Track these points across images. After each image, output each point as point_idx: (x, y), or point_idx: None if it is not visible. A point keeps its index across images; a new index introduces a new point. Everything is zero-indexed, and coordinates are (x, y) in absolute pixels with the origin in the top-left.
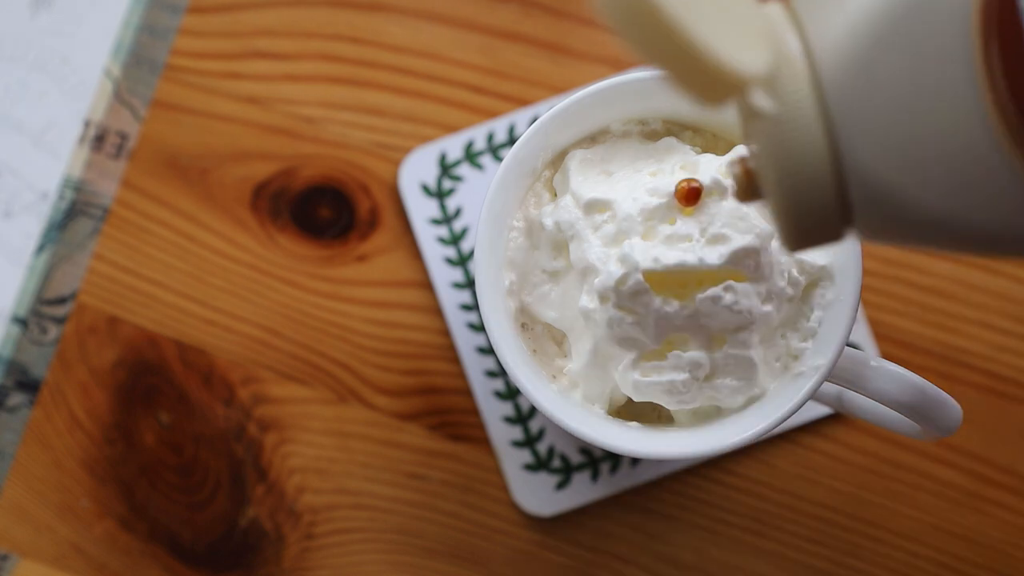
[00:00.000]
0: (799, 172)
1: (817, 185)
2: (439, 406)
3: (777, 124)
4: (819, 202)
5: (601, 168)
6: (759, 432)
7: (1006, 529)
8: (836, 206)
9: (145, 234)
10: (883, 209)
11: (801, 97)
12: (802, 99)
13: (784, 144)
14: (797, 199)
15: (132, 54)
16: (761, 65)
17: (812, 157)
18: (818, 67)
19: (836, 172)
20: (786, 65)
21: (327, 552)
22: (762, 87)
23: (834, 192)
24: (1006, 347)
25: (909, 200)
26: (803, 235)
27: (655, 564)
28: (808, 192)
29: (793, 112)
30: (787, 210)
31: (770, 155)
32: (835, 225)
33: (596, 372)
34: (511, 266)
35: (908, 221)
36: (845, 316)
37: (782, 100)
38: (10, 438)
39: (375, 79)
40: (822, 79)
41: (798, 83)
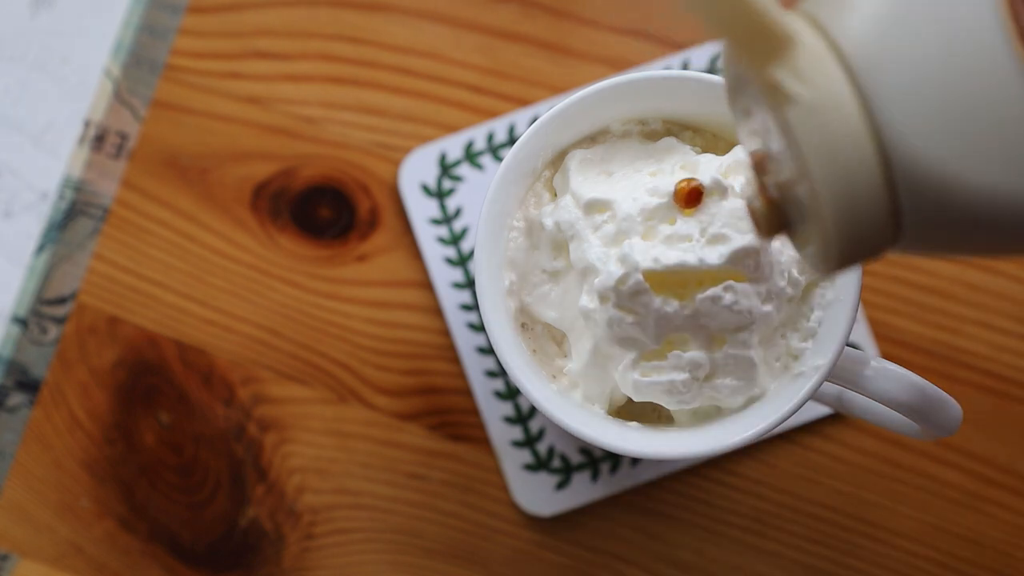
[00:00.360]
0: (844, 165)
1: (866, 178)
2: (439, 406)
3: (812, 112)
4: (870, 199)
5: (601, 168)
6: (759, 432)
7: (1006, 529)
8: (887, 202)
9: (145, 234)
10: (932, 196)
11: (833, 77)
12: (834, 79)
13: (824, 135)
14: (844, 199)
15: (132, 54)
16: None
17: (857, 144)
18: (842, 50)
19: (883, 160)
20: (808, 53)
21: (327, 552)
22: (789, 72)
23: (884, 184)
24: (1006, 347)
25: (956, 178)
26: (852, 245)
27: (655, 564)
28: (856, 187)
29: (828, 94)
30: (834, 217)
31: (809, 153)
32: (886, 229)
33: (596, 372)
34: (511, 266)
35: (958, 208)
36: (845, 316)
37: (812, 83)
38: (10, 438)
39: (375, 79)
40: (849, 60)
41: (826, 64)
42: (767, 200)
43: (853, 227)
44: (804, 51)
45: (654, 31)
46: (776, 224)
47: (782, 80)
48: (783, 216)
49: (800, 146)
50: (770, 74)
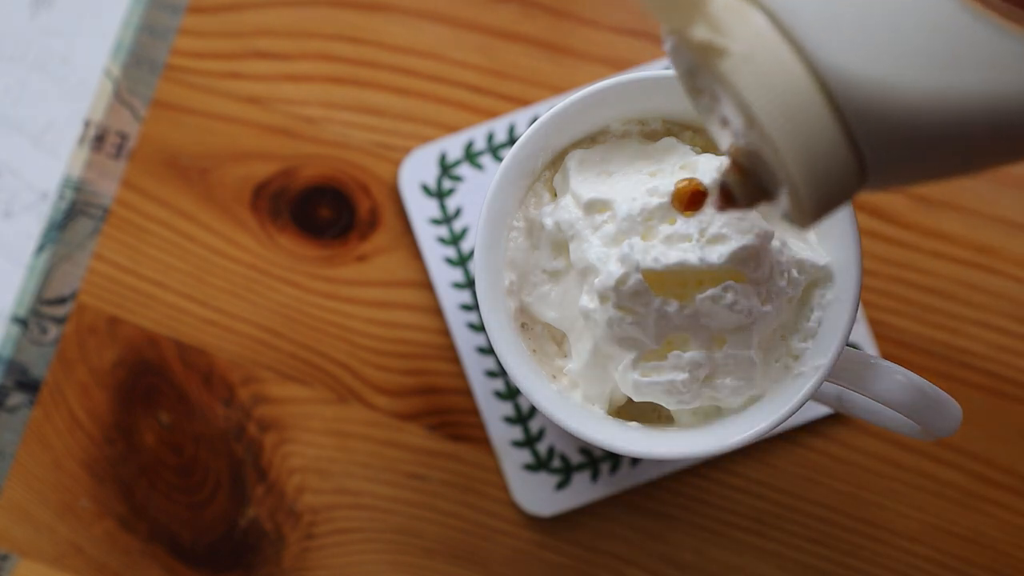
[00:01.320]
0: (787, 101)
1: (812, 110)
2: (439, 406)
3: (743, 60)
4: (821, 130)
5: (601, 168)
6: (759, 432)
7: (1006, 529)
8: (839, 131)
9: (145, 234)
10: (878, 114)
11: (753, 21)
12: (754, 23)
13: (760, 77)
14: (797, 136)
15: (132, 54)
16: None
17: (793, 79)
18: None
19: (824, 89)
20: (723, 4)
21: (327, 552)
22: (709, 27)
23: (831, 112)
24: (1006, 347)
25: (894, 90)
26: (819, 183)
27: (655, 564)
28: (804, 121)
29: (753, 39)
30: (793, 155)
31: (751, 99)
32: (847, 160)
33: (596, 372)
34: (511, 266)
35: (905, 121)
36: (845, 316)
37: (735, 32)
38: (10, 438)
39: (375, 79)
40: (764, 1)
41: (743, 11)
42: (738, 171)
43: (814, 162)
44: (719, 5)
45: (654, 31)
46: (752, 192)
47: (705, 36)
48: (756, 182)
49: (742, 96)
50: (693, 34)
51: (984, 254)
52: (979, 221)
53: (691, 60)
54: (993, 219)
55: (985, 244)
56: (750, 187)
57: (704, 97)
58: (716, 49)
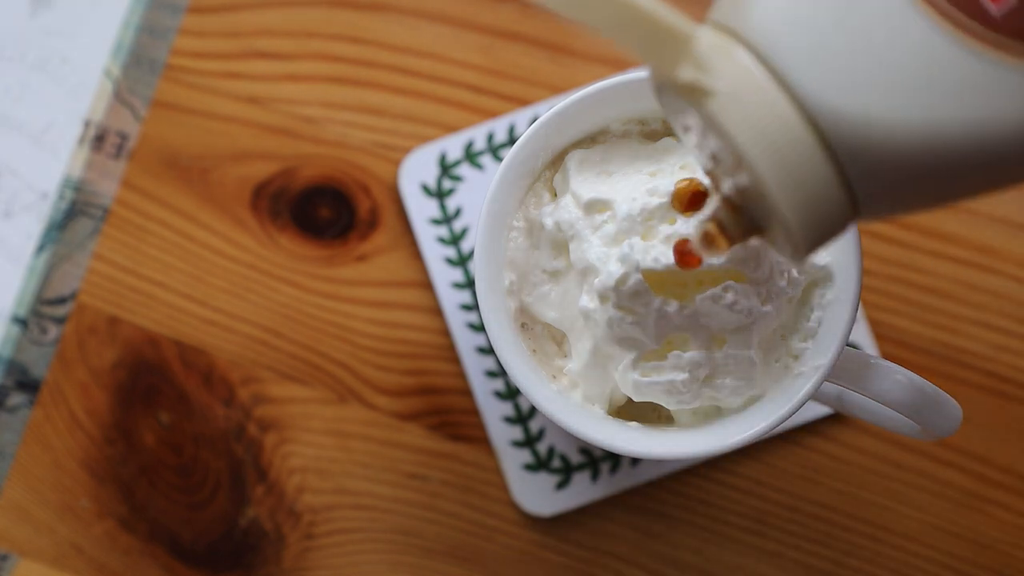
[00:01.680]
0: (775, 139)
1: (800, 148)
2: (439, 406)
3: (730, 99)
4: (811, 167)
5: (601, 168)
6: (759, 432)
7: (1006, 529)
8: (829, 166)
9: (145, 234)
10: (866, 148)
11: (739, 61)
12: (741, 62)
13: (747, 116)
14: (786, 174)
15: (132, 54)
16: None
17: (781, 117)
18: (742, 34)
19: (812, 125)
20: (710, 45)
21: (327, 552)
22: (696, 67)
23: (820, 148)
24: (1006, 347)
25: (881, 123)
26: (810, 217)
27: (655, 564)
28: (794, 159)
29: (739, 78)
30: (783, 193)
31: (739, 139)
32: (839, 195)
33: (596, 372)
34: (511, 266)
35: (893, 153)
36: (845, 316)
37: (721, 72)
38: (10, 438)
39: (375, 79)
40: (750, 41)
41: (730, 50)
42: (730, 207)
43: (806, 201)
44: (705, 45)
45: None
46: (744, 227)
47: (692, 77)
48: (749, 218)
49: (730, 136)
50: (680, 75)
51: (984, 254)
52: (979, 221)
53: (677, 100)
54: (993, 219)
55: (985, 244)
56: (743, 222)
57: (692, 135)
58: (702, 90)
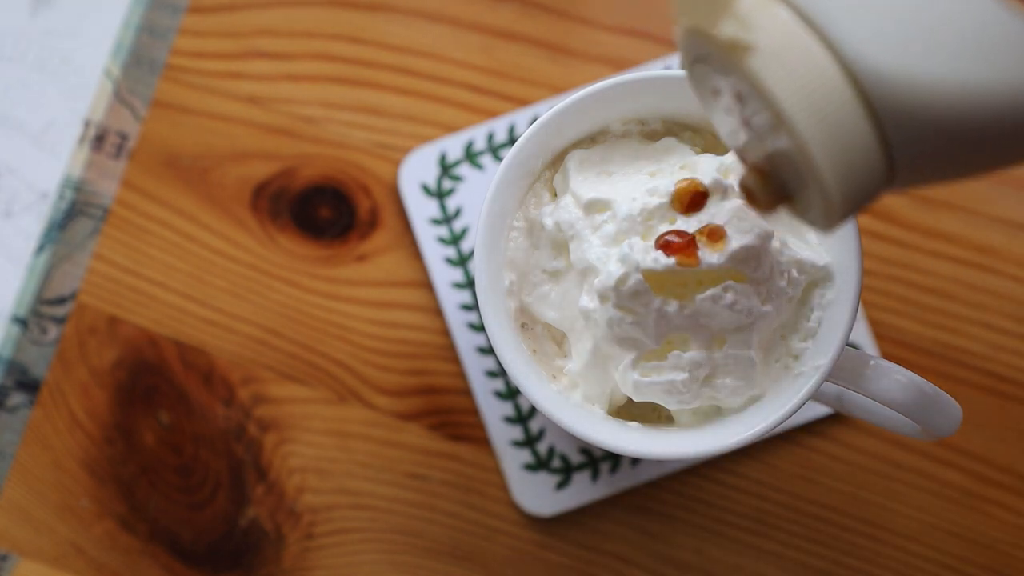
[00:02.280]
0: (817, 98)
1: (843, 106)
2: (439, 406)
3: (771, 56)
4: (852, 125)
5: (601, 168)
6: (759, 432)
7: (1006, 529)
8: (869, 126)
9: (145, 234)
10: (909, 107)
11: (779, 16)
12: (781, 17)
13: (789, 73)
14: (828, 133)
15: (132, 54)
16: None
17: (823, 74)
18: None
19: (854, 83)
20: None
21: (327, 552)
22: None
23: (862, 107)
24: (1006, 347)
25: (927, 82)
26: (849, 181)
27: (655, 564)
28: (835, 117)
29: (780, 34)
30: (823, 153)
31: (780, 96)
32: (877, 156)
33: (596, 372)
34: (511, 266)
35: (936, 113)
36: (845, 316)
37: (762, 28)
38: (10, 438)
39: (375, 79)
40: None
41: (769, 5)
42: (759, 173)
43: (845, 162)
44: (747, 1)
45: (654, 31)
46: (774, 194)
47: (734, 33)
48: (779, 185)
49: (770, 92)
50: (721, 31)
51: (984, 254)
52: (979, 221)
53: (700, 48)
54: (993, 219)
55: (985, 244)
56: (771, 189)
57: (708, 87)
58: (743, 46)
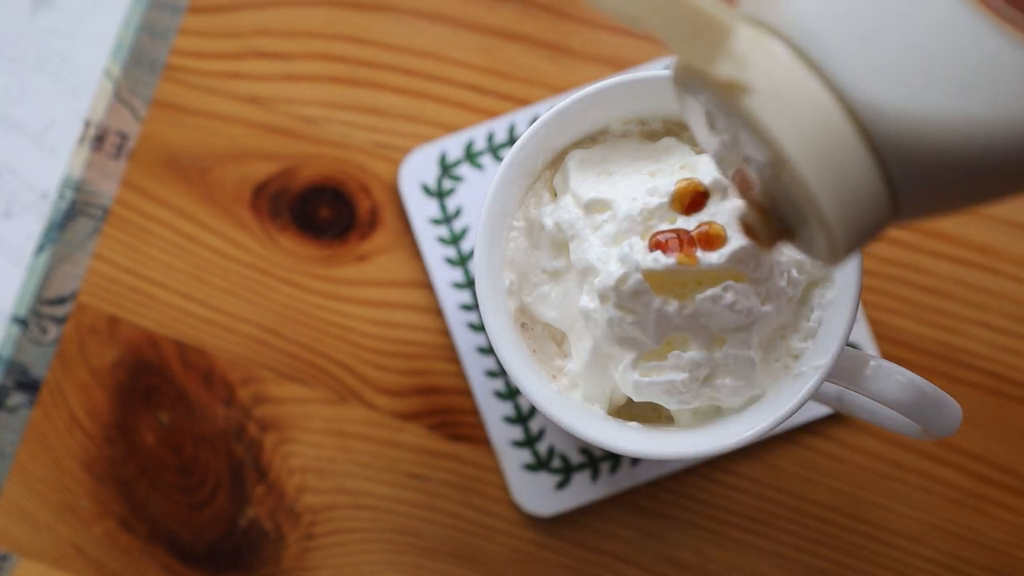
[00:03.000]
0: (817, 138)
1: (843, 145)
2: (439, 406)
3: (769, 96)
4: (854, 165)
5: (601, 168)
6: (759, 432)
7: (1006, 529)
8: (872, 164)
9: (145, 234)
10: (912, 143)
11: (778, 55)
12: (780, 57)
13: (788, 113)
14: (829, 173)
15: (132, 54)
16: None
17: (823, 113)
18: (780, 29)
19: (855, 121)
20: (747, 40)
21: (327, 552)
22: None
23: (864, 146)
24: (1006, 347)
25: (937, 121)
26: (852, 220)
27: (655, 564)
28: (836, 156)
29: (778, 73)
30: (825, 194)
31: (780, 137)
32: (880, 194)
33: (596, 372)
34: (511, 266)
35: (939, 148)
36: (845, 316)
37: (760, 67)
38: (10, 438)
39: (375, 79)
40: (789, 35)
41: (768, 45)
42: (759, 210)
43: (848, 202)
44: (743, 39)
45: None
46: (774, 231)
47: (731, 73)
48: (779, 221)
49: (769, 134)
50: (717, 71)
51: (984, 254)
52: (979, 221)
53: (696, 86)
54: (993, 219)
55: (985, 244)
56: (772, 226)
57: (718, 135)
58: (740, 86)
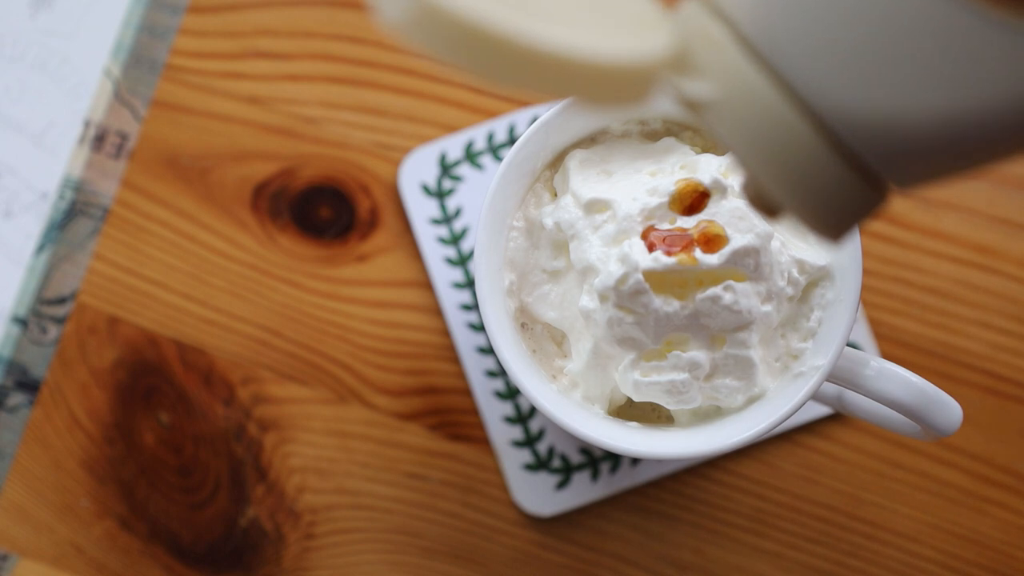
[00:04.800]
0: (780, 146)
1: (810, 153)
2: (439, 406)
3: (728, 107)
4: (824, 170)
5: (601, 168)
6: (759, 432)
7: (1006, 529)
8: (845, 167)
9: (145, 234)
10: (891, 140)
11: (733, 61)
12: (735, 62)
13: (749, 130)
14: (800, 179)
15: (132, 54)
16: (662, 45)
17: (783, 122)
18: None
19: (817, 124)
20: (698, 36)
21: (327, 552)
22: (683, 73)
23: (829, 150)
24: (1006, 347)
25: (906, 112)
26: (832, 217)
27: (655, 564)
28: (806, 165)
29: (736, 84)
30: (800, 198)
31: (746, 147)
32: (857, 189)
33: (596, 372)
34: (511, 266)
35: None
36: (845, 316)
37: (716, 77)
38: (10, 438)
39: (375, 79)
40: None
41: (722, 47)
42: (750, 190)
43: (819, 200)
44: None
45: None
46: (767, 210)
47: (689, 89)
48: (769, 203)
49: (729, 145)
50: (676, 86)
51: (984, 254)
52: (979, 221)
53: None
54: (993, 219)
55: (985, 244)
56: (764, 206)
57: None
58: (694, 103)
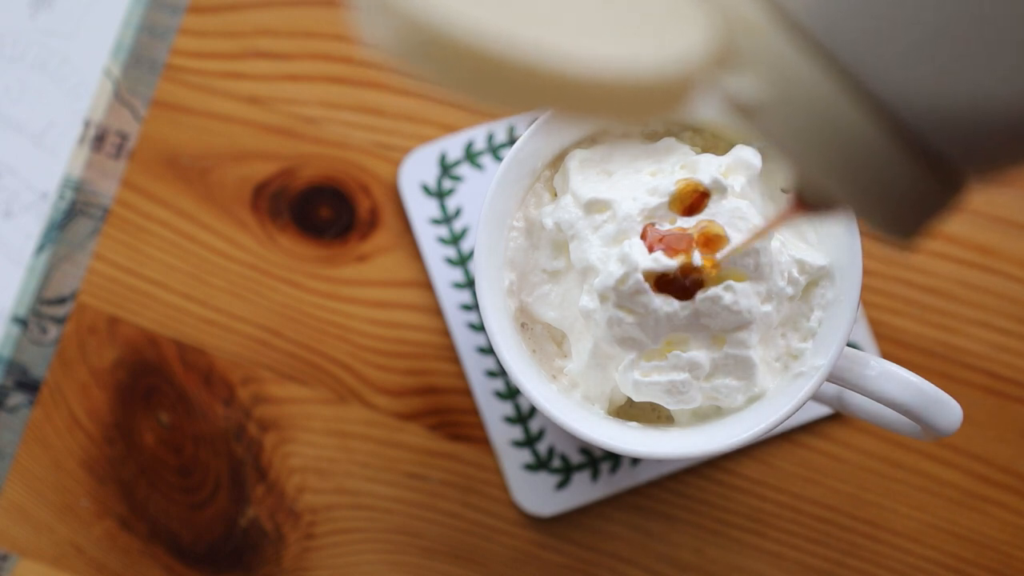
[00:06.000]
0: (848, 146)
1: (880, 149)
2: (439, 406)
3: (781, 104)
4: (898, 166)
5: (601, 168)
6: (759, 432)
7: (1006, 529)
8: (916, 159)
9: (145, 234)
10: (966, 130)
11: (786, 51)
12: (788, 53)
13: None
14: (872, 179)
15: (132, 54)
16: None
17: (849, 120)
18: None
19: (890, 121)
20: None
21: (327, 552)
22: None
23: (903, 145)
24: (1006, 347)
25: (979, 102)
26: (908, 214)
27: (655, 564)
28: (876, 161)
29: (790, 77)
30: (874, 199)
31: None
32: (934, 181)
33: (596, 372)
34: (511, 266)
35: (996, 126)
36: (845, 316)
37: (766, 71)
38: (10, 438)
39: (375, 79)
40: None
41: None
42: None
43: (887, 200)
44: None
45: None
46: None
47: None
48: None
49: (787, 151)
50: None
51: (984, 254)
52: (979, 221)
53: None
54: (993, 219)
55: (985, 244)
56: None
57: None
58: (741, 103)
